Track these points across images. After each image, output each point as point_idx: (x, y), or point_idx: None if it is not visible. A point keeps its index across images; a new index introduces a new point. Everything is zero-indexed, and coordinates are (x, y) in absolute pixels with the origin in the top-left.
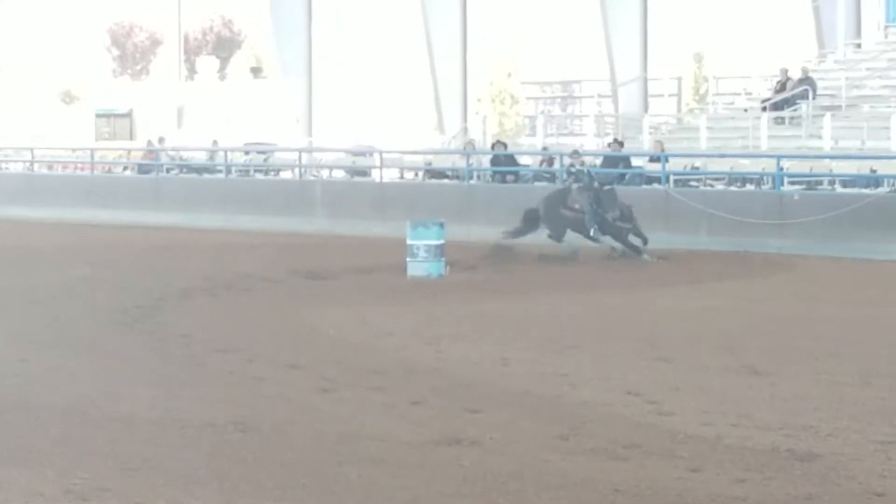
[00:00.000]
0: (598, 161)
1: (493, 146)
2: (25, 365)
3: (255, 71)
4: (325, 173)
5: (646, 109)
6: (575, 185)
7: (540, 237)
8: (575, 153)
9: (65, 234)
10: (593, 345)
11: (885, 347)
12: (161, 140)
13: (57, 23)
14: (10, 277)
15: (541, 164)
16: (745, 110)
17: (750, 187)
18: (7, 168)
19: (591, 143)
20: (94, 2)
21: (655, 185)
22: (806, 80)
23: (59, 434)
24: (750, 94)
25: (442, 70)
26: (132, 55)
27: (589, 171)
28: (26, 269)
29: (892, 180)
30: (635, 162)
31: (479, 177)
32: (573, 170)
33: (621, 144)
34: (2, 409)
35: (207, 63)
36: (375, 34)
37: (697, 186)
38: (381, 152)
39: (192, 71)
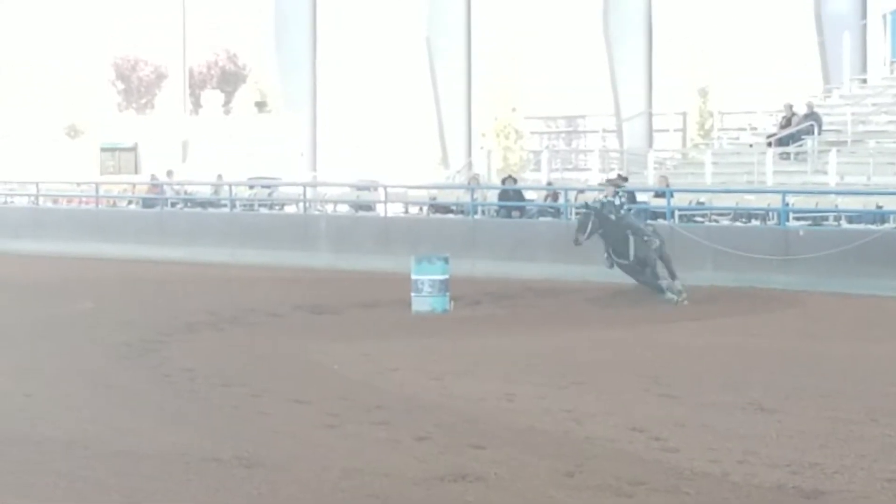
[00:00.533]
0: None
1: (503, 181)
2: (30, 399)
3: (260, 105)
4: (329, 208)
5: (651, 144)
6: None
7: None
8: (608, 183)
9: (70, 268)
10: (598, 381)
11: (892, 385)
12: (170, 173)
13: (62, 57)
14: (15, 311)
15: (545, 199)
16: (751, 145)
17: (755, 223)
18: (12, 202)
19: (596, 178)
20: (99, 35)
21: (660, 221)
22: (811, 115)
23: (64, 468)
24: (755, 129)
25: (446, 104)
26: (137, 89)
27: (611, 202)
28: (31, 303)
29: None
30: (640, 197)
31: (483, 212)
32: (605, 200)
33: (626, 179)
34: (6, 443)
35: (212, 97)
36: (380, 69)
37: (702, 222)
38: (385, 187)
39: (196, 105)
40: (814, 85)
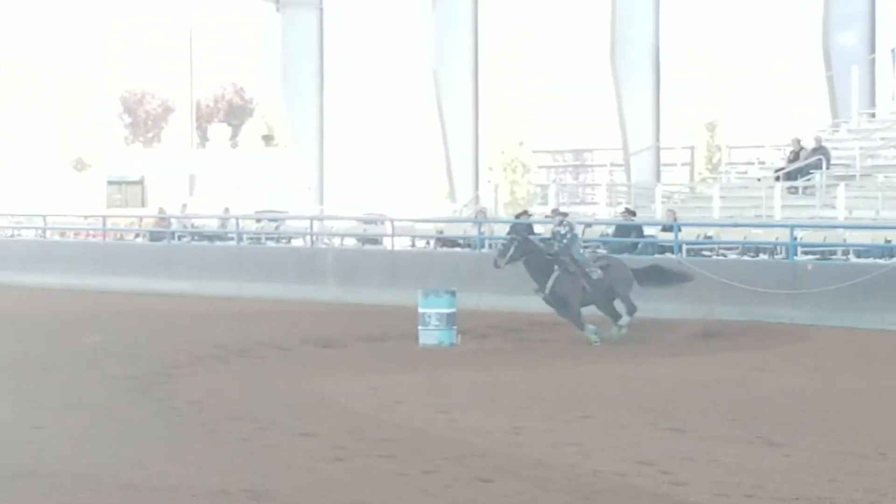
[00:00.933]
0: (610, 230)
1: (518, 216)
2: (38, 432)
3: (267, 139)
4: (336, 241)
5: (658, 178)
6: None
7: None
8: (553, 214)
9: (76, 302)
10: (605, 414)
11: None
12: (183, 207)
13: (70, 90)
14: (22, 345)
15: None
16: (759, 180)
17: (763, 257)
18: (19, 235)
19: (604, 212)
20: (107, 69)
21: (668, 255)
22: (819, 149)
23: (71, 501)
24: (763, 163)
25: (453, 138)
26: (144, 122)
27: (559, 233)
28: (38, 337)
29: None
30: (648, 231)
31: (490, 245)
32: (555, 231)
33: (633, 213)
34: (14, 476)
35: (219, 131)
36: (387, 103)
37: (710, 256)
38: (392, 220)
39: (203, 138)
40: (822, 119)
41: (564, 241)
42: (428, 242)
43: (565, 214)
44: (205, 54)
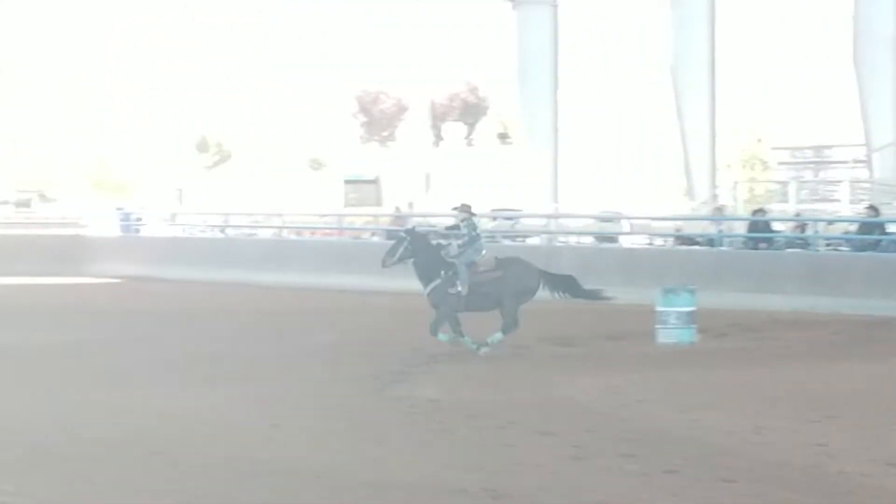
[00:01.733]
0: (853, 228)
1: (754, 213)
2: (277, 429)
3: (502, 137)
4: (572, 239)
5: None
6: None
7: None
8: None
9: (313, 300)
10: (852, 414)
11: None
12: (410, 205)
13: (307, 92)
14: (260, 343)
15: (793, 231)
16: None
17: None
18: (256, 234)
19: (846, 209)
20: (343, 70)
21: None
22: None
23: (311, 499)
24: None
25: (691, 135)
26: (379, 122)
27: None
28: (275, 335)
29: None
30: (891, 228)
31: (729, 243)
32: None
33: (877, 211)
34: (253, 473)
35: (454, 129)
36: (623, 100)
37: None
38: (629, 218)
39: (438, 137)
40: None
41: (463, 238)
42: (665, 240)
43: (472, 213)
44: (439, 53)
